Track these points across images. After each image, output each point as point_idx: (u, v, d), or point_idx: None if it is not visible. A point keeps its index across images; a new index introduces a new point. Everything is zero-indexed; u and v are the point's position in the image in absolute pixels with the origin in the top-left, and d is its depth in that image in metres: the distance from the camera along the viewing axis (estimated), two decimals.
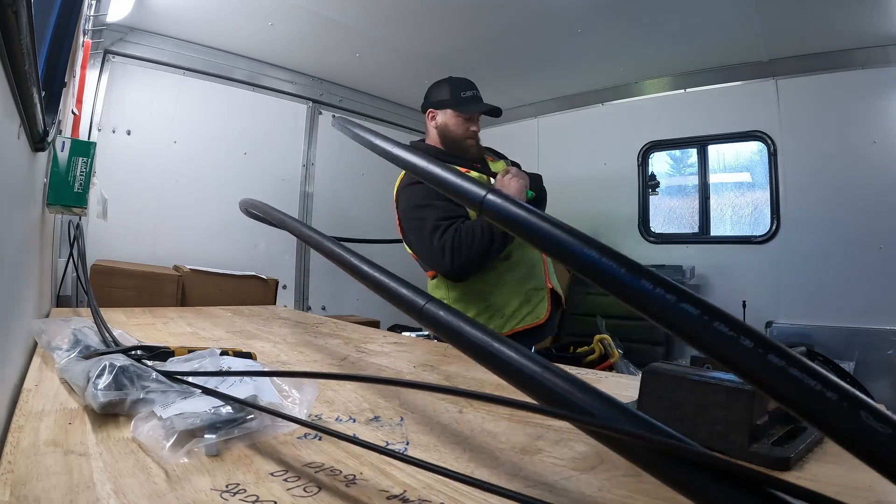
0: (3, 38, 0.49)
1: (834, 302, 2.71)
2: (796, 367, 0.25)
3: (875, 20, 2.45)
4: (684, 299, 0.30)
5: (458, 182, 0.49)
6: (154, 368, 0.60)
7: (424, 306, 0.48)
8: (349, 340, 1.20)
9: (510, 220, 0.42)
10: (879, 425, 0.23)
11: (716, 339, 0.28)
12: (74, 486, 0.39)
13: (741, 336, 0.27)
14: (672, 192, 3.53)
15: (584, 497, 0.42)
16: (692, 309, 0.29)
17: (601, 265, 0.34)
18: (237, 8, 2.63)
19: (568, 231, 0.37)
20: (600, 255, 0.34)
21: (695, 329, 0.29)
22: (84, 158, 1.31)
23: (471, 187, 0.46)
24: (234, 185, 3.17)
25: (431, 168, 0.53)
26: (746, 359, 0.27)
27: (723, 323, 0.28)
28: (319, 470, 0.45)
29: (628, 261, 0.33)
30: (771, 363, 0.26)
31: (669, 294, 0.30)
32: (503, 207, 0.42)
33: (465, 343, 0.43)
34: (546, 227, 0.38)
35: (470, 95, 1.58)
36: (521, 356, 0.39)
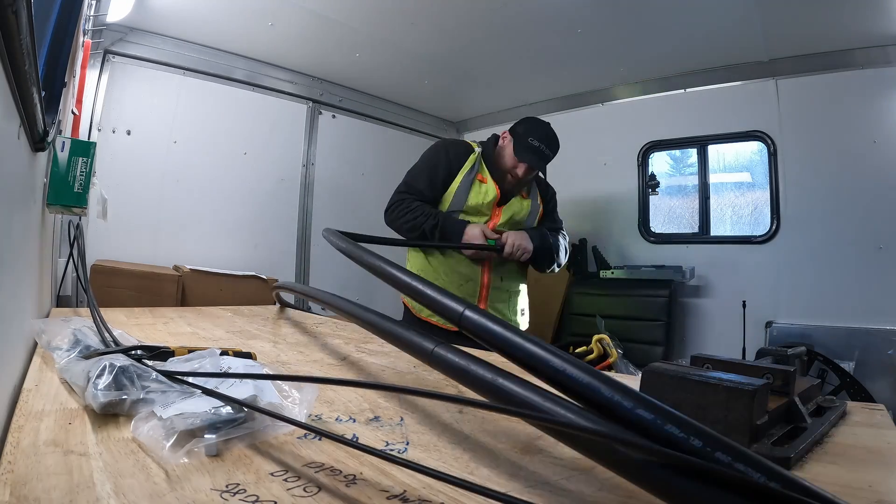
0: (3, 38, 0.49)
1: (834, 302, 2.71)
2: (742, 461, 0.30)
3: (875, 20, 2.45)
4: (640, 405, 0.35)
5: (438, 298, 0.56)
6: (154, 368, 0.60)
7: (434, 350, 0.55)
8: (349, 340, 1.20)
9: (487, 334, 0.48)
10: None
11: (670, 440, 0.33)
12: (74, 486, 0.39)
13: (690, 437, 0.32)
14: (672, 192, 3.53)
15: (584, 497, 0.42)
16: (647, 414, 0.34)
17: (565, 374, 0.40)
18: (237, 8, 2.63)
19: (537, 345, 0.43)
20: (564, 365, 0.40)
21: (651, 432, 0.34)
22: (84, 158, 1.31)
23: (449, 303, 0.53)
24: (234, 185, 3.17)
25: (414, 284, 0.61)
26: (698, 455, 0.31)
27: (674, 425, 0.33)
28: (319, 470, 0.45)
29: (589, 370, 0.40)
30: (718, 459, 0.31)
31: (626, 401, 0.36)
32: (479, 323, 0.49)
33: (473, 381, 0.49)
34: (517, 341, 0.44)
35: (534, 146, 1.65)
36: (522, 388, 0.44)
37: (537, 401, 0.42)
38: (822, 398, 0.66)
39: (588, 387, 0.38)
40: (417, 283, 0.60)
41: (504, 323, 0.48)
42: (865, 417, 0.65)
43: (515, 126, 1.73)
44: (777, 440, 0.52)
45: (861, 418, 0.65)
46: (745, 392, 0.48)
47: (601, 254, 3.53)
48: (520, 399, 0.43)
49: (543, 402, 0.41)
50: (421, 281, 0.60)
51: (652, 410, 0.34)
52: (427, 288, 0.58)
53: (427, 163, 1.75)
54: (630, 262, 3.46)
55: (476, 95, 3.84)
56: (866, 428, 0.61)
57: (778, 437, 0.52)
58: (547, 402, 0.41)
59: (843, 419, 0.64)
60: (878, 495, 0.42)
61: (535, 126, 1.70)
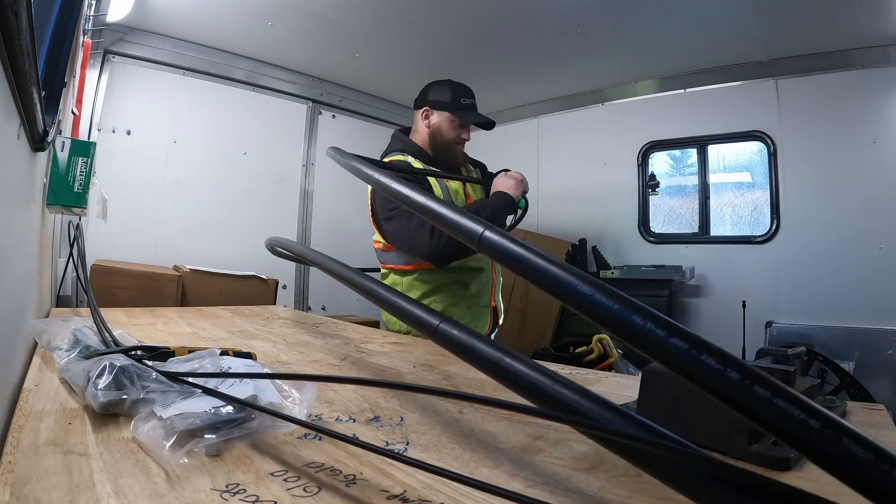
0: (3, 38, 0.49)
1: (834, 302, 2.71)
2: (781, 397, 0.27)
3: (875, 20, 2.45)
4: (673, 333, 0.31)
5: (456, 218, 0.50)
6: (154, 368, 0.60)
7: (439, 326, 0.51)
8: (349, 340, 1.20)
9: (507, 256, 0.43)
10: (862, 451, 0.24)
11: (704, 372, 0.29)
12: (74, 486, 0.39)
13: (728, 369, 0.29)
14: (672, 192, 3.53)
15: (584, 497, 0.42)
16: (681, 343, 0.31)
17: (594, 300, 0.35)
18: (237, 8, 2.63)
19: (562, 268, 0.38)
20: (593, 291, 0.35)
21: (684, 363, 0.30)
22: (84, 158, 1.31)
23: (468, 223, 0.48)
24: (234, 185, 3.17)
25: (429, 203, 0.55)
26: (734, 390, 0.28)
27: (710, 356, 0.29)
28: (319, 470, 0.45)
29: (620, 296, 0.35)
30: (757, 394, 0.27)
31: (659, 329, 0.32)
32: (500, 244, 0.44)
33: (478, 359, 0.46)
34: (542, 265, 0.39)
35: (469, 104, 1.59)
36: (531, 370, 0.41)
37: (545, 382, 0.39)
38: (822, 398, 0.66)
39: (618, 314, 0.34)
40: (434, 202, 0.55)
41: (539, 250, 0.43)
42: (865, 417, 0.65)
43: (432, 96, 1.59)
44: (777, 440, 0.51)
45: (861, 418, 0.65)
46: None
47: (601, 254, 3.53)
48: (526, 381, 0.41)
49: (551, 384, 0.39)
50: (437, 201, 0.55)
51: (686, 340, 0.31)
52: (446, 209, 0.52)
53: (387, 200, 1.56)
54: (630, 262, 3.46)
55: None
56: (866, 428, 0.61)
57: None
58: (555, 384, 0.39)
59: (843, 419, 0.64)
60: None
61: (456, 88, 1.60)
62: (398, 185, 0.62)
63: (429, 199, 0.55)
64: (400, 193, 0.61)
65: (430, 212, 0.54)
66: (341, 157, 0.93)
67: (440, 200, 0.54)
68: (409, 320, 0.57)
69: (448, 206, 0.52)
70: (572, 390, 0.38)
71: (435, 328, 0.51)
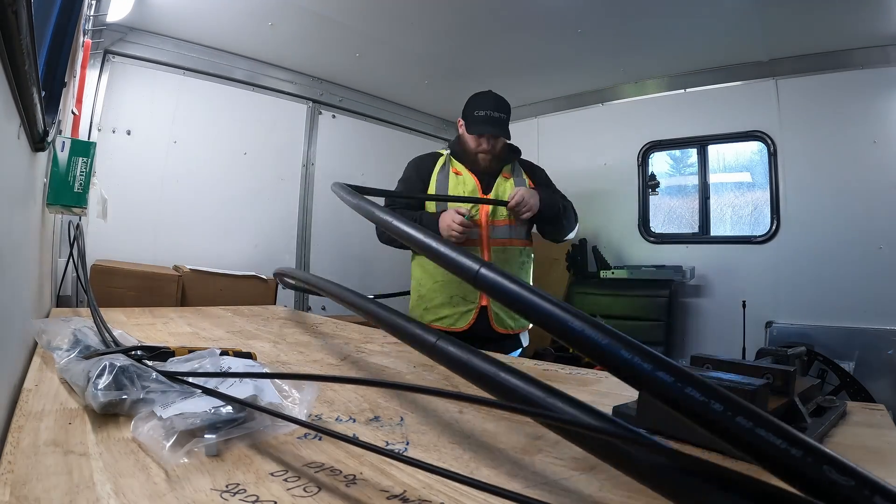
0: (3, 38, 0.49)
1: (834, 302, 2.71)
2: (763, 426, 0.28)
3: (875, 20, 2.45)
4: (660, 367, 0.33)
5: (453, 256, 0.53)
6: (154, 368, 0.60)
7: (436, 343, 0.53)
8: (349, 340, 1.20)
9: (502, 292, 0.46)
10: (843, 479, 0.25)
11: (689, 403, 0.31)
12: (74, 486, 0.39)
13: (711, 401, 0.30)
14: (672, 192, 3.53)
15: (584, 497, 0.42)
16: (667, 377, 0.32)
17: (584, 335, 0.37)
18: (237, 8, 2.63)
19: (554, 304, 0.41)
20: (583, 326, 0.38)
21: (670, 395, 0.32)
22: (84, 158, 1.31)
23: (464, 261, 0.51)
24: (234, 185, 3.17)
25: (428, 242, 0.58)
26: (718, 421, 0.30)
27: (695, 388, 0.31)
28: (319, 470, 0.45)
29: (609, 330, 0.37)
30: (739, 425, 0.29)
31: (646, 363, 0.34)
32: (496, 281, 0.47)
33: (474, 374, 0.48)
34: (535, 301, 0.42)
35: (482, 116, 1.64)
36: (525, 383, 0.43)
37: (540, 396, 0.41)
38: (822, 398, 0.66)
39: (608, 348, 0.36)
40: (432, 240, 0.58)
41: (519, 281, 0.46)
42: (865, 417, 0.65)
43: (465, 107, 1.72)
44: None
45: (861, 418, 0.65)
46: (745, 392, 0.48)
47: (601, 254, 3.53)
48: (522, 394, 0.42)
49: (546, 397, 0.41)
50: (435, 238, 0.57)
51: (672, 374, 0.32)
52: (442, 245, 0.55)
53: (402, 180, 1.78)
54: (630, 262, 3.46)
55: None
56: (866, 428, 0.61)
57: None
58: (550, 397, 0.41)
59: (843, 419, 0.64)
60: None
61: (477, 98, 1.70)
62: (400, 224, 0.65)
63: (428, 238, 0.58)
64: (401, 230, 0.64)
65: (430, 249, 0.57)
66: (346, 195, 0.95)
67: (440, 239, 0.56)
68: (407, 338, 0.60)
69: (447, 245, 0.55)
70: (566, 402, 0.40)
71: (432, 345, 0.54)
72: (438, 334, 0.54)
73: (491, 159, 1.69)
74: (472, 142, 1.68)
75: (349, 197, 0.91)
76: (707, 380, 0.31)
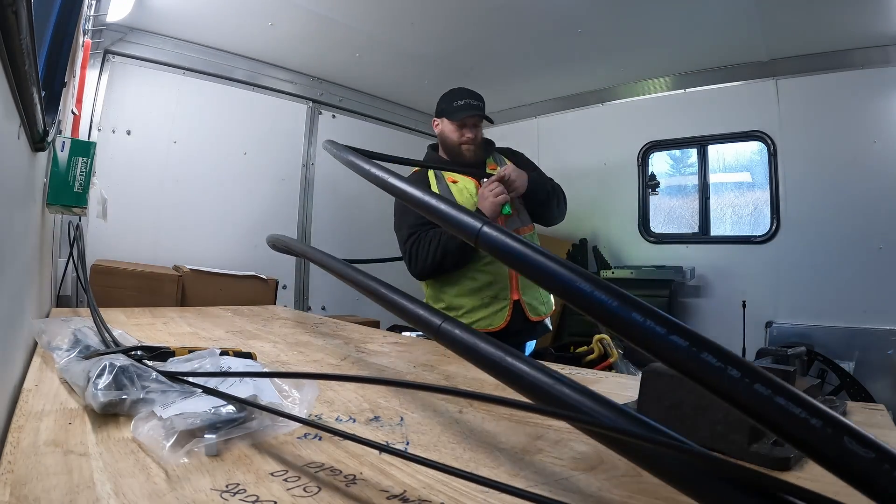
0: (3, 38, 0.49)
1: (834, 302, 2.71)
2: (782, 395, 0.26)
3: (875, 20, 2.45)
4: (674, 331, 0.31)
5: (455, 215, 0.49)
6: (154, 368, 0.60)
7: (441, 325, 0.51)
8: (349, 340, 1.20)
9: (505, 252, 0.43)
10: (863, 450, 0.24)
11: (704, 369, 0.29)
12: (74, 486, 0.39)
13: (728, 366, 0.28)
14: (672, 191, 3.53)
15: (584, 497, 0.42)
16: (681, 341, 0.30)
17: (593, 297, 0.34)
18: (237, 8, 2.63)
19: (561, 264, 0.37)
20: (592, 288, 0.35)
21: (684, 360, 0.30)
22: (84, 158, 1.31)
23: (466, 220, 0.47)
24: (234, 185, 3.17)
25: (427, 200, 0.54)
26: (734, 388, 0.28)
27: (711, 354, 0.29)
28: (319, 470, 0.45)
29: (619, 293, 0.34)
30: (757, 392, 0.27)
31: (659, 326, 0.31)
32: (498, 240, 0.44)
33: (480, 358, 0.45)
34: (541, 261, 0.39)
35: (462, 104, 1.62)
36: (533, 369, 0.41)
37: (547, 382, 0.39)
38: (822, 398, 0.66)
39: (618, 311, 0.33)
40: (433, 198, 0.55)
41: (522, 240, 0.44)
42: (865, 417, 0.65)
43: (437, 106, 1.70)
44: (777, 440, 0.51)
45: (861, 418, 0.65)
46: None
47: (601, 254, 3.53)
48: (528, 380, 0.40)
49: (553, 383, 0.39)
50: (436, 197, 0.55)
51: (687, 337, 0.30)
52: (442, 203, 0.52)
53: (403, 208, 1.64)
54: (630, 262, 3.46)
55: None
56: (866, 428, 0.61)
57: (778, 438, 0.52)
58: (558, 384, 0.39)
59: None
60: None
61: (452, 92, 1.69)
62: (397, 182, 0.62)
63: (426, 195, 0.55)
64: (399, 189, 0.61)
65: (428, 207, 0.54)
66: (336, 150, 0.92)
67: (438, 196, 0.53)
68: (411, 319, 0.57)
69: (445, 202, 0.51)
70: (574, 389, 0.38)
71: (437, 327, 0.51)
72: (444, 317, 0.52)
73: (475, 149, 1.66)
74: (454, 133, 1.64)
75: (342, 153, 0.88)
76: (723, 347, 0.29)
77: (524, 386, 0.40)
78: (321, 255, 0.97)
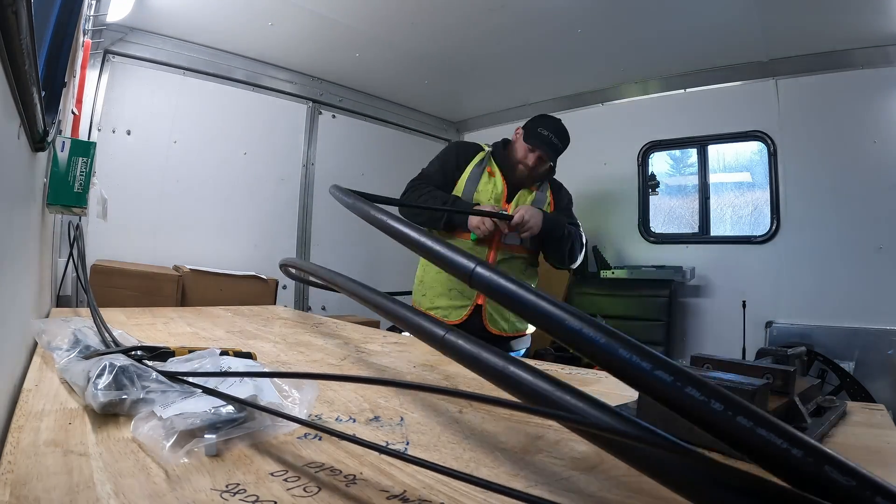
0: (3, 38, 0.49)
1: (834, 302, 2.71)
2: (764, 426, 0.28)
3: (875, 20, 2.45)
4: (659, 366, 0.32)
5: (449, 255, 0.53)
6: (154, 368, 0.60)
7: (444, 336, 0.53)
8: (349, 340, 1.20)
9: (498, 291, 0.45)
10: (843, 478, 0.25)
11: (689, 403, 0.31)
12: (74, 486, 0.39)
13: (711, 400, 0.30)
14: (672, 192, 3.53)
15: (584, 497, 0.42)
16: (666, 376, 0.32)
17: (582, 334, 0.37)
18: (237, 8, 2.63)
19: (551, 303, 0.40)
20: (581, 325, 0.37)
21: (668, 394, 0.31)
22: (84, 158, 1.31)
23: (460, 260, 0.51)
24: (234, 185, 3.17)
25: (423, 241, 0.58)
26: (717, 421, 0.29)
27: (694, 388, 0.31)
28: (319, 470, 0.45)
29: (607, 329, 0.36)
30: (740, 424, 0.28)
31: (645, 362, 0.33)
32: (491, 279, 0.46)
33: (484, 368, 0.47)
34: (532, 299, 0.41)
35: (545, 135, 1.70)
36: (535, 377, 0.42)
37: (549, 389, 0.40)
38: (822, 398, 0.66)
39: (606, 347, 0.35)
40: (428, 239, 0.58)
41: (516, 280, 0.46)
42: (865, 417, 0.65)
43: (528, 121, 1.77)
44: None
45: (861, 418, 0.65)
46: (745, 392, 0.48)
47: (601, 254, 3.53)
48: (530, 388, 0.41)
49: (555, 390, 0.40)
50: (432, 238, 0.57)
51: (672, 373, 0.32)
52: (437, 244, 0.55)
53: (439, 158, 1.81)
54: (630, 262, 3.46)
55: (476, 95, 3.84)
56: (866, 428, 0.61)
57: None
58: (559, 390, 0.40)
59: (843, 419, 0.64)
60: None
61: (546, 119, 1.75)
62: (395, 223, 0.65)
63: (423, 237, 0.58)
64: (397, 231, 0.64)
65: (425, 248, 0.57)
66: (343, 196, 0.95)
67: (434, 238, 0.57)
68: (416, 332, 0.59)
69: (441, 244, 0.55)
70: (575, 395, 0.39)
71: (441, 338, 0.53)
72: (447, 328, 0.54)
73: (528, 176, 1.74)
74: (521, 151, 1.71)
75: (345, 198, 0.91)
76: (706, 379, 0.31)
77: (526, 394, 0.42)
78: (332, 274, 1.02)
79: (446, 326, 0.54)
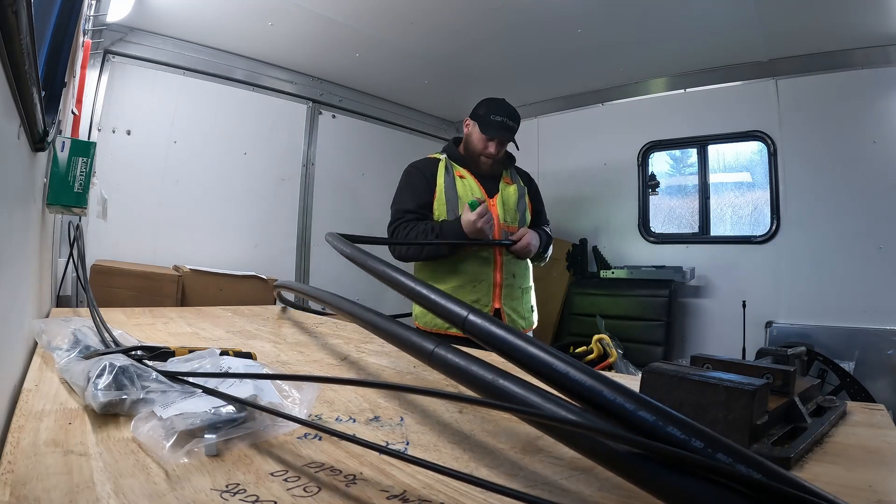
0: (3, 38, 0.49)
1: (834, 302, 2.71)
2: (743, 462, 0.30)
3: (875, 20, 2.45)
4: (642, 407, 0.35)
5: (443, 303, 0.55)
6: (154, 368, 0.60)
7: (434, 350, 0.54)
8: (349, 340, 1.20)
9: (489, 337, 0.47)
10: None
11: (670, 441, 0.33)
12: (74, 486, 0.39)
13: (692, 438, 0.32)
14: (672, 191, 3.53)
15: (583, 497, 0.42)
16: (648, 416, 0.34)
17: (568, 377, 0.39)
18: (237, 8, 2.63)
19: (539, 348, 0.42)
20: (567, 369, 0.40)
21: (651, 433, 0.34)
22: (84, 158, 1.31)
23: (454, 308, 0.53)
24: (234, 185, 3.17)
25: (419, 289, 0.60)
26: (698, 457, 0.31)
27: (675, 426, 0.33)
28: (319, 470, 0.45)
29: (591, 372, 0.39)
30: (720, 461, 0.30)
31: (628, 403, 0.35)
32: (483, 327, 0.48)
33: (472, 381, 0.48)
34: (521, 345, 0.44)
35: (498, 122, 1.69)
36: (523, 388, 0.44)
37: (537, 401, 0.42)
38: (822, 398, 0.66)
39: (591, 389, 0.38)
40: (422, 287, 0.60)
41: (507, 326, 0.48)
42: (865, 417, 0.65)
43: (475, 110, 1.77)
44: (777, 440, 0.52)
45: (861, 418, 0.65)
46: (745, 392, 0.48)
47: (601, 254, 3.53)
48: (520, 399, 0.43)
49: (543, 402, 0.41)
50: (425, 286, 0.60)
51: (654, 412, 0.34)
52: (431, 292, 0.58)
53: (407, 187, 1.76)
54: (630, 262, 3.46)
55: (476, 95, 3.80)
56: (866, 428, 0.61)
57: (778, 437, 0.52)
58: (547, 402, 0.41)
59: (843, 419, 0.64)
60: (878, 495, 0.42)
61: (493, 103, 1.74)
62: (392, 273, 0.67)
63: (418, 285, 0.60)
64: (393, 278, 0.66)
65: (419, 295, 0.59)
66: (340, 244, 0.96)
67: (428, 286, 0.59)
68: (405, 347, 0.61)
69: (435, 292, 0.57)
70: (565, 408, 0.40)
71: (430, 353, 0.54)
72: (436, 342, 0.54)
73: (492, 163, 1.74)
74: (479, 143, 1.71)
75: (343, 247, 0.93)
76: (687, 419, 0.33)
77: (516, 404, 0.44)
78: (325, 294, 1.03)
79: (435, 341, 0.55)
